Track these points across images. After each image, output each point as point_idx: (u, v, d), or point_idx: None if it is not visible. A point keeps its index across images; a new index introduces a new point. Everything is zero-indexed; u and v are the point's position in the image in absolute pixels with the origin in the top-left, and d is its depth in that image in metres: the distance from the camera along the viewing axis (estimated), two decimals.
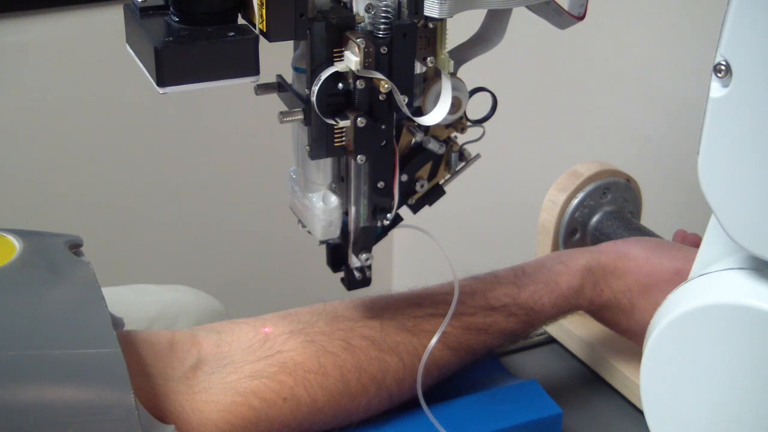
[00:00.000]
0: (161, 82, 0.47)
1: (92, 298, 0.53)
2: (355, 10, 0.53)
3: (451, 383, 0.66)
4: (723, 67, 0.44)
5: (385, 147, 0.56)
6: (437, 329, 0.61)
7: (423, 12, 0.51)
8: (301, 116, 0.54)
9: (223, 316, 0.98)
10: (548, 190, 0.80)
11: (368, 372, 0.60)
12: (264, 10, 0.49)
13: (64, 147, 1.42)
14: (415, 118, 0.55)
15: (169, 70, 0.47)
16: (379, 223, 0.59)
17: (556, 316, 0.68)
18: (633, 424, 0.69)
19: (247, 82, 0.50)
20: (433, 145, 0.59)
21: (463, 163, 0.61)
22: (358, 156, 0.55)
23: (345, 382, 0.60)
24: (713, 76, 0.44)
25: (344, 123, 0.54)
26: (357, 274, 0.61)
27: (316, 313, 0.63)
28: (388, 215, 0.59)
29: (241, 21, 0.52)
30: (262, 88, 0.58)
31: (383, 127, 0.55)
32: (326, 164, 0.58)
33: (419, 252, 1.60)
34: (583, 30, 0.59)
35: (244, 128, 1.50)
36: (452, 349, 0.64)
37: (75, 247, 0.59)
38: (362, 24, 0.53)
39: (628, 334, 0.70)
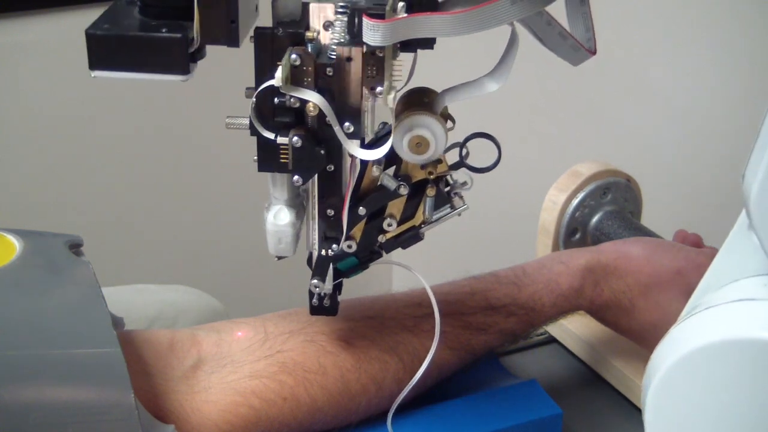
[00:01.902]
0: (90, 64, 0.49)
1: (92, 298, 0.53)
2: (311, 26, 0.50)
3: (451, 383, 0.66)
4: None
5: (334, 173, 0.53)
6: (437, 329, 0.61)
7: (362, 38, 0.48)
8: (245, 123, 0.53)
9: (223, 316, 0.98)
10: (548, 190, 0.81)
11: (368, 372, 0.60)
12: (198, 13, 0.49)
13: (64, 147, 1.42)
14: (352, 151, 0.51)
15: (96, 55, 0.49)
16: (323, 252, 0.56)
17: (556, 316, 0.68)
18: (633, 424, 0.69)
19: (176, 80, 0.49)
20: (389, 182, 0.55)
21: (446, 212, 0.57)
22: (295, 176, 0.52)
23: (345, 382, 0.60)
24: None
25: (282, 140, 0.52)
26: (313, 300, 0.58)
27: None
28: (334, 246, 0.55)
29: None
30: (252, 91, 0.57)
31: (322, 151, 0.52)
32: (282, 180, 0.55)
33: (419, 253, 1.60)
34: None
35: (244, 129, 1.50)
36: (452, 349, 0.64)
37: (75, 247, 0.59)
38: (314, 42, 0.50)
39: (628, 334, 0.70)
